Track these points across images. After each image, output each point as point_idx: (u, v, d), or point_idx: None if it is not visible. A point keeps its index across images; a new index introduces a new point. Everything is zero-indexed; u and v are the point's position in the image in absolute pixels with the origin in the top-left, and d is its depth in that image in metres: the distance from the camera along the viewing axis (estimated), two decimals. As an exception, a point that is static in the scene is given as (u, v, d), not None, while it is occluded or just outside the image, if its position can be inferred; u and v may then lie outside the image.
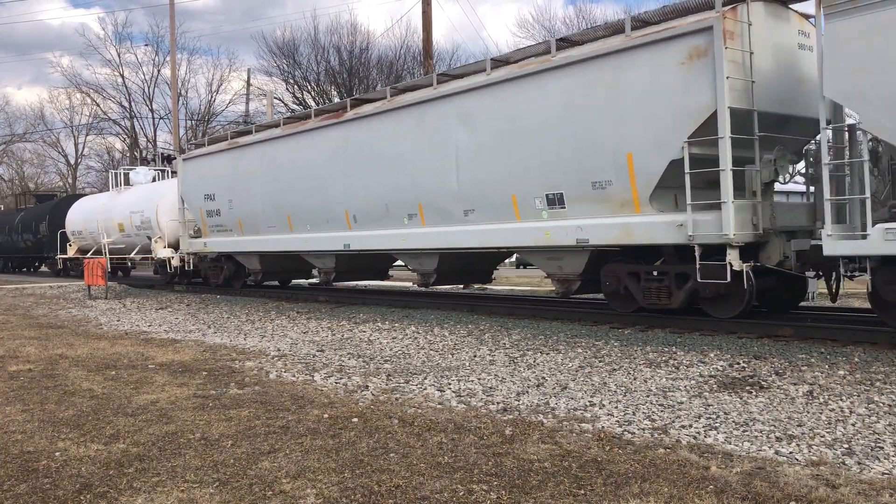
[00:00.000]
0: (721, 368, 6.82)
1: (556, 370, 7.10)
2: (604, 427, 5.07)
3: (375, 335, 9.89)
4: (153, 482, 4.15)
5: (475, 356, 8.03)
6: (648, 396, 5.91)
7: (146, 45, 72.61)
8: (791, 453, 4.40)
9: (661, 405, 5.63)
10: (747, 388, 6.06)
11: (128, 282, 24.28)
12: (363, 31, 63.49)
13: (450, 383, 6.64)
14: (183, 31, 60.22)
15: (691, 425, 5.05)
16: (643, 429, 5.01)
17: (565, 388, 6.34)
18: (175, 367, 7.92)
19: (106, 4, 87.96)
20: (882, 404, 5.39)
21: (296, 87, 43.72)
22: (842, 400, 5.56)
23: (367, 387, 6.57)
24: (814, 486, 3.80)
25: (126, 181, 24.83)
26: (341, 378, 7.00)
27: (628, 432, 4.94)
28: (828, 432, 4.79)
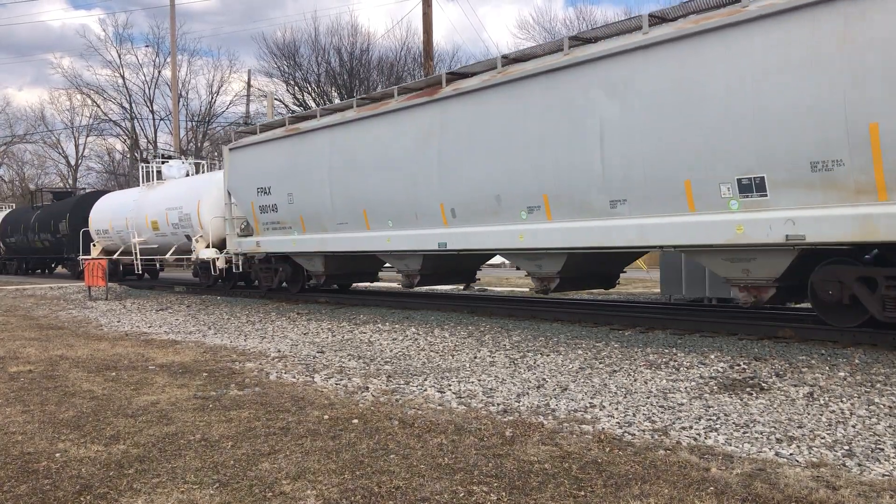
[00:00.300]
0: (721, 370, 6.82)
1: (556, 371, 7.10)
2: (604, 428, 5.07)
3: (376, 336, 9.89)
4: (153, 483, 4.15)
5: (475, 357, 8.04)
6: (649, 398, 5.91)
7: (147, 46, 72.66)
8: (791, 455, 4.40)
9: (662, 406, 5.63)
10: (748, 389, 6.06)
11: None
12: (364, 33, 63.64)
13: (450, 385, 6.64)
14: (183, 32, 60.26)
15: (692, 427, 5.05)
16: (643, 430, 5.01)
17: (566, 389, 6.34)
18: (175, 368, 7.92)
19: (106, 6, 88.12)
20: (882, 406, 5.39)
21: (296, 88, 43.82)
22: (842, 401, 5.55)
23: (368, 388, 6.57)
24: (814, 488, 3.80)
25: (159, 176, 22.29)
26: (341, 379, 7.00)
27: (629, 434, 4.94)
28: (828, 434, 4.79)
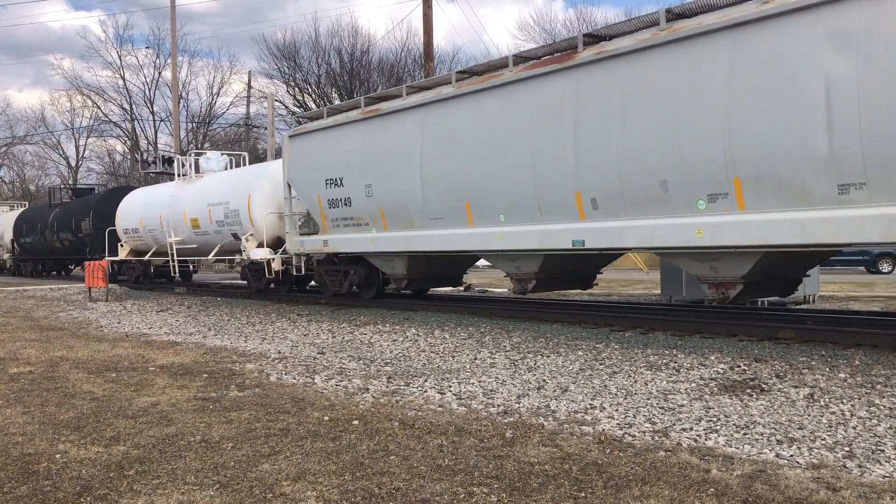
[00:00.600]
0: (722, 371, 6.82)
1: (556, 373, 7.10)
2: (604, 430, 5.06)
3: (376, 338, 9.89)
4: (153, 484, 4.15)
5: (476, 359, 8.03)
6: (649, 399, 5.91)
7: (147, 47, 72.83)
8: (792, 456, 4.40)
9: (662, 408, 5.62)
10: (748, 390, 6.05)
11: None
12: (364, 34, 63.64)
13: (450, 386, 6.64)
14: (184, 33, 60.33)
15: (692, 428, 5.05)
16: (644, 431, 5.01)
17: (566, 390, 6.34)
18: (175, 369, 7.92)
19: (107, 7, 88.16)
20: (883, 407, 5.39)
21: (296, 89, 43.84)
22: (843, 403, 5.55)
23: (368, 389, 6.57)
24: (814, 489, 3.80)
25: (196, 168, 20.06)
26: (342, 380, 7.00)
27: (629, 435, 4.93)
28: (828, 435, 4.79)
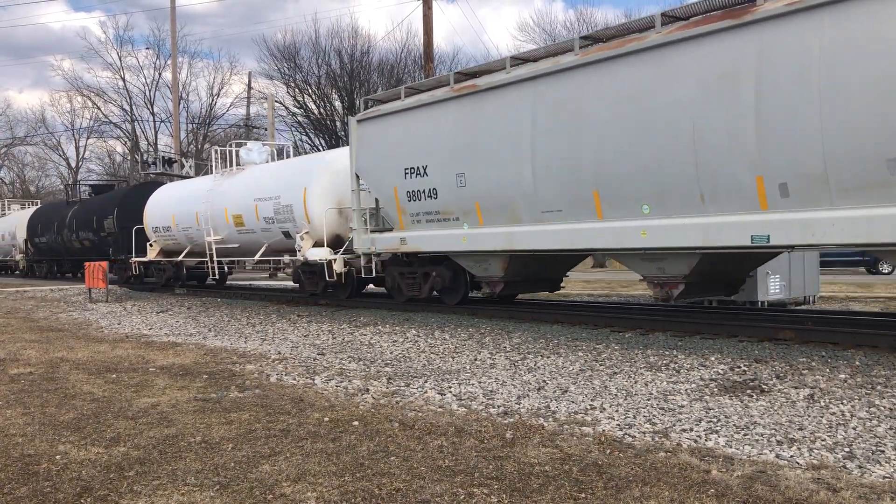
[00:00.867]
0: (722, 372, 6.82)
1: (556, 373, 7.10)
2: (604, 430, 5.06)
3: (376, 338, 9.89)
4: (154, 485, 4.15)
5: (476, 359, 8.03)
6: (649, 400, 5.91)
7: (147, 48, 72.74)
8: (792, 457, 4.40)
9: (662, 409, 5.62)
10: (748, 391, 6.05)
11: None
12: (364, 35, 63.54)
13: (450, 387, 6.64)
14: (184, 34, 60.21)
15: (692, 429, 5.05)
16: (644, 432, 5.01)
17: (566, 391, 6.34)
18: (176, 370, 7.92)
19: (107, 8, 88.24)
20: (883, 408, 5.39)
21: (297, 90, 43.81)
22: (843, 403, 5.55)
23: (368, 390, 6.57)
24: (815, 490, 3.80)
25: (236, 161, 18.00)
26: (342, 381, 7.00)
27: (629, 436, 4.93)
28: (829, 436, 4.79)
